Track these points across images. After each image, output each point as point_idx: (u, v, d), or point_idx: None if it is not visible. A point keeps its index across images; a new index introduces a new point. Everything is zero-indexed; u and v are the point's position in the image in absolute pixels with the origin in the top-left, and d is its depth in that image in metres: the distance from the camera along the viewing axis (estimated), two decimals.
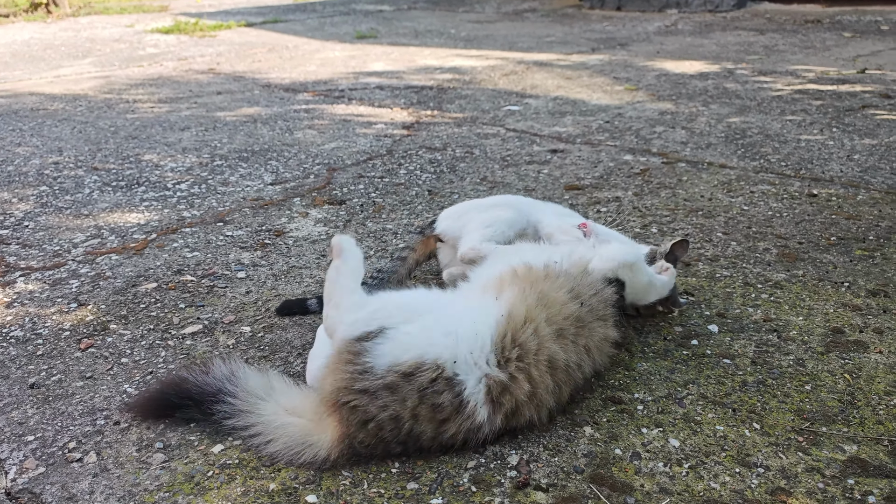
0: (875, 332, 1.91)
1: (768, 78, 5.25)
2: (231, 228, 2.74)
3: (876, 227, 2.58)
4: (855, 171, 3.18)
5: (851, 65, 5.63)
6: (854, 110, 4.23)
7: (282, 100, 5.02)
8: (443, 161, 3.53)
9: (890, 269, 2.27)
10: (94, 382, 1.77)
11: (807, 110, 4.28)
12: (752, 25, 8.07)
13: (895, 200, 2.83)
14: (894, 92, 4.63)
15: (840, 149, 3.52)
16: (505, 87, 5.29)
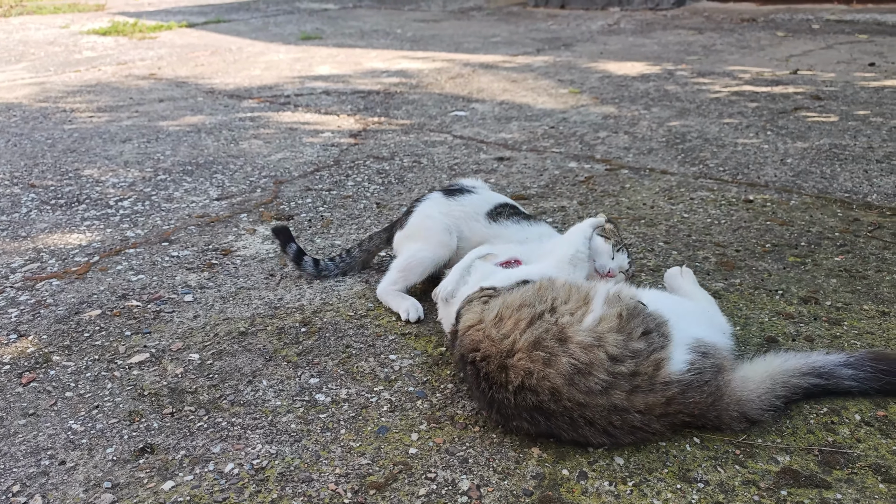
0: (806, 339, 2.00)
1: (707, 79, 5.40)
2: (177, 248, 2.71)
3: (807, 233, 2.70)
4: (788, 176, 3.31)
5: (785, 65, 5.83)
6: (787, 112, 4.39)
7: (226, 107, 4.95)
8: (391, 171, 3.54)
9: (820, 275, 2.38)
10: (37, 419, 1.74)
11: (743, 113, 4.43)
12: (692, 24, 8.28)
13: (825, 205, 2.96)
14: (824, 93, 4.82)
15: (774, 153, 3.65)
16: (452, 91, 5.32)
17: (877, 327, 2.06)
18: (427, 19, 9.76)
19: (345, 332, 2.12)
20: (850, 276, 2.36)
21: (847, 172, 3.32)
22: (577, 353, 1.53)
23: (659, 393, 1.53)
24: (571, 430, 1.54)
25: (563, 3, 10.19)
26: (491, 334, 1.63)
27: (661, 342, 1.57)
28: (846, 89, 4.91)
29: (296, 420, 1.73)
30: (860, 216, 2.83)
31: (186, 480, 1.53)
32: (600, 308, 1.63)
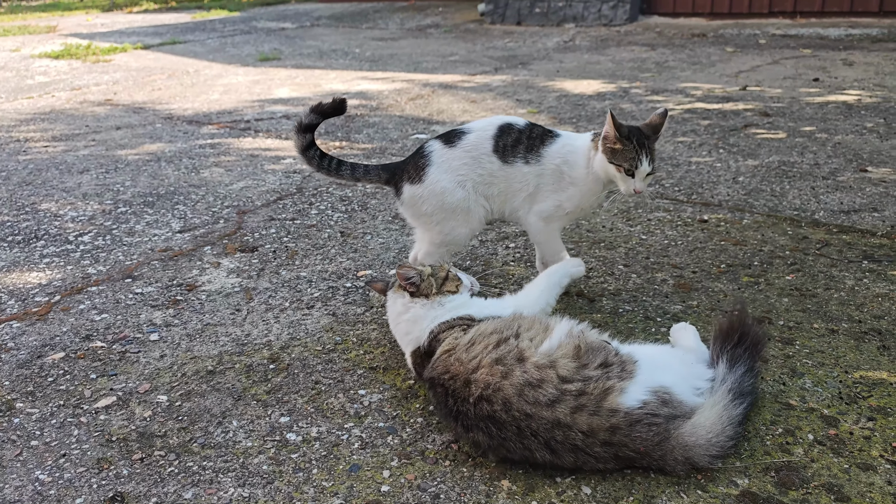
0: (761, 360, 2.08)
1: (660, 97, 5.55)
2: (140, 285, 2.69)
3: (760, 253, 2.80)
4: (740, 195, 3.42)
5: (734, 81, 6.02)
6: (738, 130, 4.54)
7: (185, 134, 4.92)
8: (354, 198, 3.57)
9: (773, 295, 2.47)
10: (2, 471, 1.72)
11: (696, 131, 4.56)
12: (644, 40, 8.48)
13: (776, 223, 3.07)
14: (772, 109, 4.99)
15: (726, 171, 3.77)
16: (412, 112, 5.37)
17: (827, 345, 2.15)
18: (385, 38, 9.82)
19: (313, 367, 2.13)
20: (800, 295, 2.46)
21: (796, 190, 3.45)
22: (531, 370, 1.66)
23: (604, 418, 1.59)
24: (518, 440, 1.62)
25: (519, 20, 10.35)
26: (462, 357, 1.75)
27: (620, 375, 1.64)
28: (792, 105, 5.09)
29: (267, 461, 1.74)
30: (808, 234, 2.95)
31: None
32: (559, 338, 1.76)
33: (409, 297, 2.03)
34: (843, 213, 3.15)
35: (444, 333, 1.89)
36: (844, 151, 3.99)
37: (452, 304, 1.99)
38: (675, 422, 1.63)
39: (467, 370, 1.71)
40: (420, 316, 1.98)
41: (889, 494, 1.56)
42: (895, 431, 1.77)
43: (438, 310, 1.98)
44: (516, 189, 2.33)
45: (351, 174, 2.46)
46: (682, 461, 1.60)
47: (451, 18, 11.31)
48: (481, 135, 2.32)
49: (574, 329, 1.79)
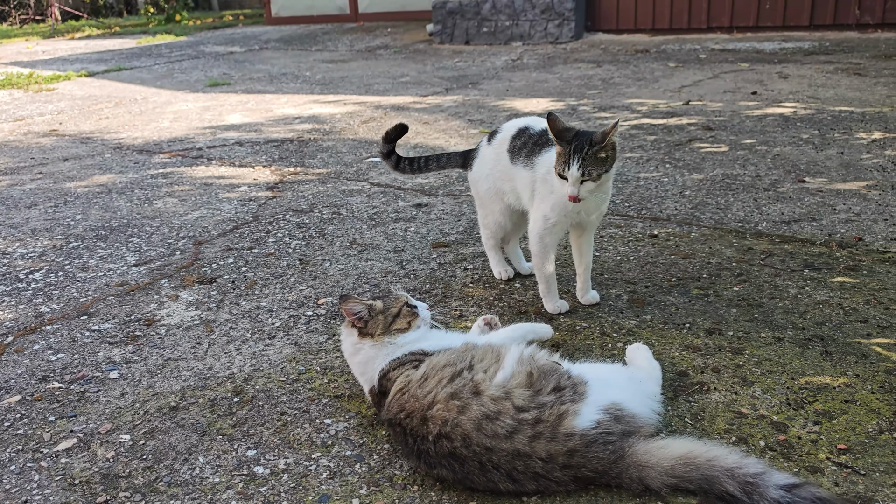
0: (713, 371, 2.17)
1: (608, 114, 5.70)
2: (97, 321, 2.66)
3: (708, 265, 2.90)
4: (687, 209, 3.55)
5: (677, 96, 6.22)
6: (683, 144, 4.69)
7: (136, 164, 4.87)
8: (311, 224, 3.58)
9: (722, 306, 2.57)
10: None
11: (643, 146, 4.70)
12: (590, 57, 8.69)
13: (722, 236, 3.19)
14: (714, 123, 5.18)
15: (673, 185, 3.90)
16: (365, 136, 5.40)
17: (774, 353, 2.24)
18: (335, 59, 9.85)
19: (278, 398, 2.14)
20: (748, 305, 2.56)
21: (739, 202, 3.58)
22: (487, 403, 1.68)
23: (561, 443, 1.63)
24: (481, 474, 1.65)
25: (467, 39, 10.50)
26: (416, 394, 1.77)
27: (573, 398, 1.69)
28: (733, 118, 5.28)
29: (236, 496, 1.74)
30: (753, 245, 3.07)
31: None
32: (511, 367, 1.79)
33: (358, 336, 2.00)
34: (784, 223, 3.29)
35: (395, 372, 1.88)
36: (783, 163, 4.16)
37: (405, 340, 1.97)
38: (630, 439, 1.68)
39: (423, 406, 1.72)
40: (371, 356, 1.96)
41: (836, 495, 1.64)
42: (840, 434, 1.86)
43: (390, 347, 1.96)
44: (520, 190, 2.52)
45: (437, 164, 2.87)
46: (636, 480, 1.64)
47: (400, 39, 11.40)
48: (505, 134, 2.58)
49: (524, 354, 1.83)
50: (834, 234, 3.13)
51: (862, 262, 2.86)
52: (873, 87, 5.98)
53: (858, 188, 3.68)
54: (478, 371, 1.78)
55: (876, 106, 5.34)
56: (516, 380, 1.74)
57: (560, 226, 2.43)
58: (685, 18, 9.67)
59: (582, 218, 2.41)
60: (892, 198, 3.51)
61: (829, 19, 8.85)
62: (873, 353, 2.22)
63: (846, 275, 2.75)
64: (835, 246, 3.01)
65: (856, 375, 2.11)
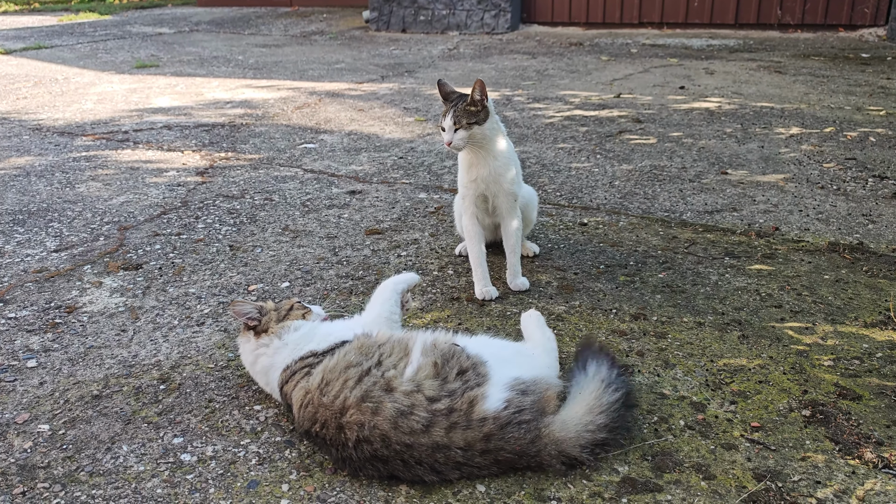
0: (638, 354, 2.24)
1: (541, 104, 5.78)
2: (13, 309, 2.55)
3: (635, 253, 2.99)
4: (616, 198, 3.64)
5: (609, 89, 6.35)
6: (613, 136, 4.81)
7: (57, 146, 4.67)
8: (242, 210, 3.52)
9: (647, 292, 2.65)
10: None
11: (575, 137, 4.79)
12: (525, 48, 8.78)
13: (648, 225, 3.29)
14: (644, 116, 5.32)
15: (604, 175, 4.00)
16: (299, 122, 5.33)
17: (695, 337, 2.34)
18: (269, 44, 9.66)
19: (206, 385, 2.11)
20: (671, 292, 2.66)
21: (666, 193, 3.70)
22: (400, 398, 1.68)
23: (476, 429, 1.65)
24: (406, 471, 1.66)
25: (404, 27, 10.45)
26: (322, 402, 1.72)
27: (477, 380, 1.72)
28: (662, 112, 5.44)
29: (161, 484, 1.71)
30: (678, 234, 3.18)
31: None
32: (418, 359, 1.79)
33: (255, 338, 1.95)
34: (707, 213, 3.42)
35: (289, 385, 1.83)
36: (708, 155, 4.31)
37: (294, 338, 1.92)
38: (544, 418, 1.71)
39: (335, 414, 1.68)
40: (269, 365, 1.92)
41: (749, 470, 1.73)
42: (753, 412, 1.95)
43: (283, 351, 1.91)
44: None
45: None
46: (556, 455, 1.69)
47: (335, 25, 11.26)
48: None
49: (427, 343, 1.84)
50: (753, 224, 3.27)
51: (778, 250, 3.00)
52: (792, 85, 6.25)
53: (776, 181, 3.85)
54: (388, 367, 1.76)
55: (794, 103, 5.59)
56: (424, 371, 1.74)
57: (468, 199, 2.60)
58: (618, 13, 9.87)
59: (483, 189, 2.57)
60: (807, 190, 3.69)
61: (753, 18, 9.19)
62: (786, 337, 2.33)
63: (763, 263, 2.88)
64: (753, 235, 3.15)
65: (769, 357, 2.22)
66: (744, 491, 1.67)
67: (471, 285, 2.67)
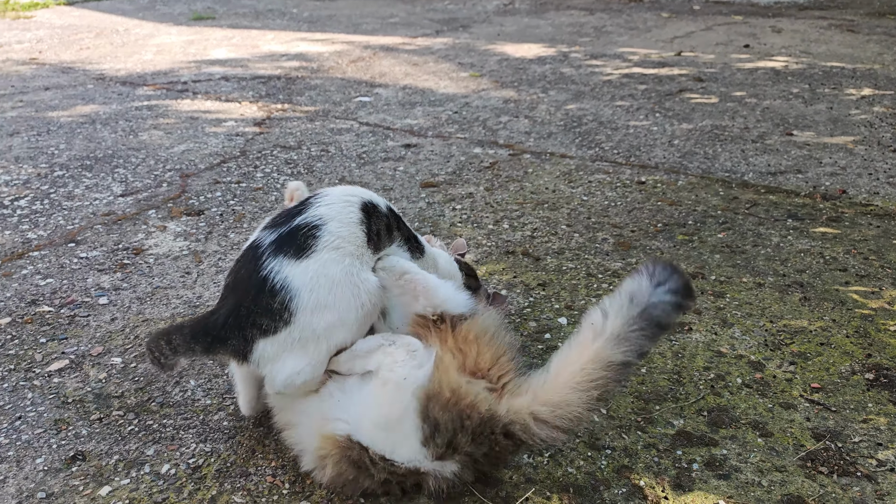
0: (695, 312, 2.22)
1: (599, 62, 5.66)
2: (85, 249, 2.65)
3: (693, 212, 2.94)
4: (675, 157, 3.57)
5: (670, 46, 6.17)
6: (673, 94, 4.69)
7: (120, 95, 4.78)
8: (299, 161, 3.56)
9: (705, 251, 2.62)
10: None
11: (633, 95, 4.69)
12: (583, 4, 8.57)
13: (708, 185, 3.22)
14: (706, 75, 5.16)
15: (662, 134, 3.91)
16: (354, 75, 5.33)
17: (754, 298, 2.30)
18: None
19: None
20: (731, 252, 2.61)
21: (727, 153, 3.61)
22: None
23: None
24: None
25: None
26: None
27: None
28: (724, 71, 5.27)
29: (227, 418, 1.78)
30: (739, 194, 3.11)
31: (123, 484, 1.56)
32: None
33: None
34: (770, 174, 3.33)
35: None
36: (772, 116, 4.18)
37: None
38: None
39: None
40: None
41: (807, 429, 1.72)
42: (814, 374, 1.93)
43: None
44: None
45: None
46: None
47: None
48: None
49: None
50: (819, 187, 3.17)
51: (844, 213, 2.91)
52: (865, 45, 5.97)
53: (845, 143, 3.71)
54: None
55: (867, 63, 5.35)
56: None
57: None
58: None
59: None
60: (878, 153, 3.56)
61: None
62: (850, 300, 2.28)
63: (828, 225, 2.80)
64: (819, 198, 3.06)
65: (832, 320, 2.17)
66: (802, 449, 1.66)
67: (526, 239, 2.67)
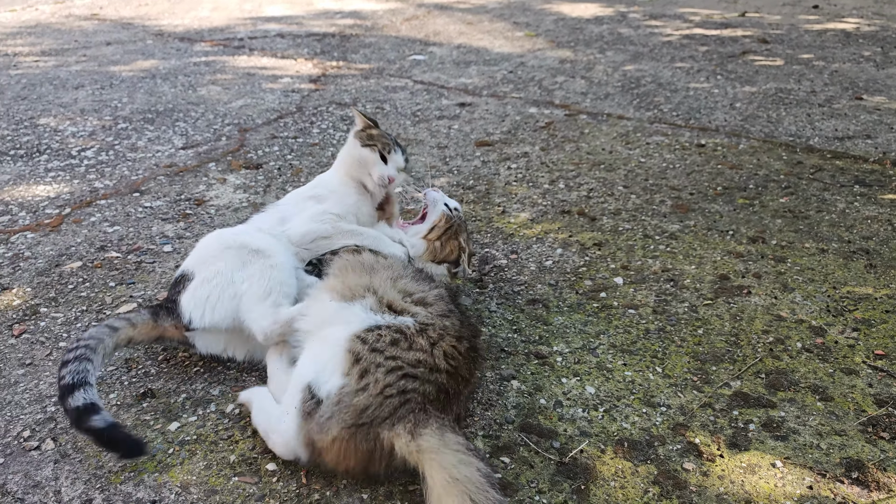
0: (754, 276, 2.19)
1: (658, 22, 5.50)
2: (149, 199, 2.73)
3: (755, 176, 2.87)
4: (737, 120, 3.47)
5: (733, 7, 5.97)
6: (735, 56, 4.54)
7: (178, 51, 4.85)
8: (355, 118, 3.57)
9: (766, 216, 2.56)
10: (35, 369, 1.80)
11: (694, 56, 4.56)
12: None
13: (771, 149, 3.14)
14: (771, 36, 4.98)
15: (724, 97, 3.81)
16: (408, 33, 5.30)
17: (816, 263, 2.25)
18: None
19: None
20: (793, 217, 2.55)
21: (791, 116, 3.50)
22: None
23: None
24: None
25: None
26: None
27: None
28: (791, 32, 5.08)
29: None
30: (803, 159, 3.02)
31: (191, 421, 1.63)
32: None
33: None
34: (838, 139, 3.22)
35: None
36: (841, 79, 4.02)
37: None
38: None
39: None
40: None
41: (869, 395, 1.69)
42: (878, 341, 1.89)
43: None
44: None
45: None
46: None
47: None
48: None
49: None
50: (889, 153, 3.06)
51: None
52: None
53: None
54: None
55: None
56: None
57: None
58: None
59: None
60: None
61: None
62: None
63: None
64: (888, 164, 2.95)
65: None
66: (863, 415, 1.63)
67: (582, 199, 2.65)
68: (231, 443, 1.56)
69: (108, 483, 1.46)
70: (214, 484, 1.46)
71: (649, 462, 1.50)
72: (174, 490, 1.44)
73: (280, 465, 1.50)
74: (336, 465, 1.42)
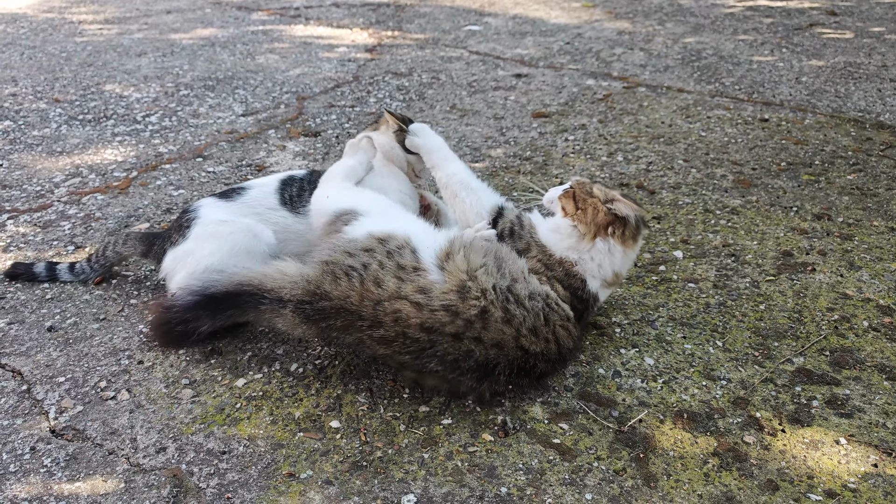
0: (819, 253, 2.14)
1: None
2: (211, 164, 2.79)
3: (821, 152, 2.79)
4: (803, 95, 3.37)
5: None
6: (802, 29, 4.40)
7: (236, 19, 4.91)
8: (410, 88, 3.58)
9: (833, 193, 2.49)
10: (109, 324, 1.88)
11: (758, 29, 4.43)
12: None
13: (839, 125, 3.04)
14: (840, 8, 4.80)
15: (789, 70, 3.70)
16: (463, 3, 5.26)
17: (885, 242, 2.19)
18: None
19: None
20: (861, 194, 2.48)
21: (861, 91, 3.38)
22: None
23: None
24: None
25: None
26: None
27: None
28: (861, 4, 4.88)
29: None
30: (873, 135, 2.92)
31: (257, 378, 1.68)
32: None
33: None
34: None
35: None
36: None
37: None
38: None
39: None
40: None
41: None
42: None
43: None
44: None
45: None
46: None
47: None
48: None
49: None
50: None
51: None
52: None
53: None
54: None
55: None
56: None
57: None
58: None
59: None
60: None
61: None
62: None
63: None
64: None
65: None
66: None
67: (640, 172, 2.62)
68: (296, 400, 1.61)
69: (179, 433, 1.52)
70: (280, 438, 1.51)
71: (709, 434, 1.50)
72: (242, 442, 1.50)
73: (343, 423, 1.54)
74: None
